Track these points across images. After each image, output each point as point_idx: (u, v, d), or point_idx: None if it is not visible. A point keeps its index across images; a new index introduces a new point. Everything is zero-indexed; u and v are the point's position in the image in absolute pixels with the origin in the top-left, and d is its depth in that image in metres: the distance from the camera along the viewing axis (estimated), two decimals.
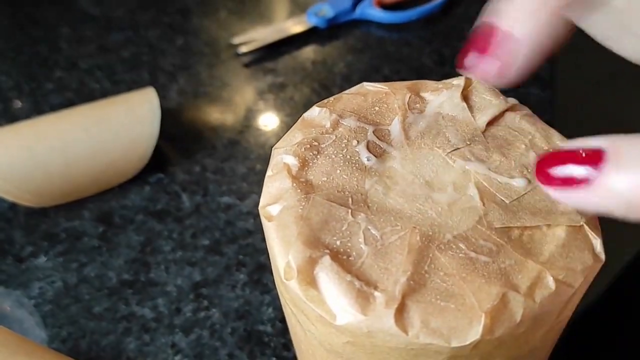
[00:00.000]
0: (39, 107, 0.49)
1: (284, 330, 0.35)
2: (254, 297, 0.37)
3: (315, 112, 0.24)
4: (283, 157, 0.23)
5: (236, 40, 0.52)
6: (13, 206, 0.41)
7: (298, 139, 0.23)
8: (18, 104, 0.49)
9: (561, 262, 0.19)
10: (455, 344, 0.18)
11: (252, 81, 0.50)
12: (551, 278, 0.19)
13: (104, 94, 0.49)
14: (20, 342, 0.27)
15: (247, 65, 0.51)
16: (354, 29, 0.54)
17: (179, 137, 0.46)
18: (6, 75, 0.51)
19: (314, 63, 0.51)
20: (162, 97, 0.48)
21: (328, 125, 0.24)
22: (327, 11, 0.53)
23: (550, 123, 0.24)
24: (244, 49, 0.51)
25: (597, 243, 0.20)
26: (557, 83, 0.49)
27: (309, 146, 0.23)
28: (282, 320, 0.36)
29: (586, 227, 0.20)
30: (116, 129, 0.41)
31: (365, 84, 0.25)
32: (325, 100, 0.25)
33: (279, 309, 0.36)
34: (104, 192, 0.42)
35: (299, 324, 0.22)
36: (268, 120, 0.47)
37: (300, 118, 0.24)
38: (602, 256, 0.19)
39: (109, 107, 0.42)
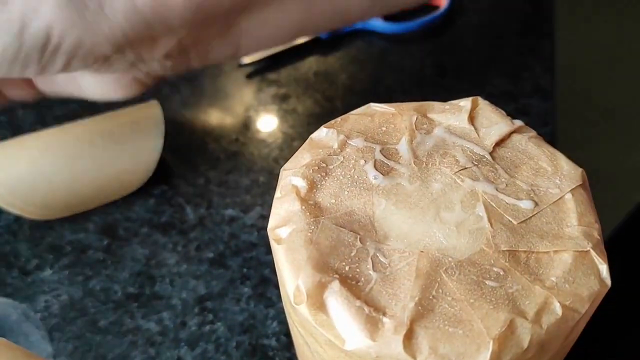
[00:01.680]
0: (43, 119, 0.49)
1: (289, 344, 0.35)
2: (258, 310, 0.37)
3: (322, 133, 0.24)
4: (291, 179, 0.23)
5: None
6: (18, 219, 0.42)
7: (306, 161, 0.23)
8: (20, 113, 0.49)
9: (568, 288, 0.19)
10: None
11: (255, 92, 0.50)
12: (558, 304, 0.19)
13: (108, 106, 0.49)
14: (26, 356, 0.27)
15: (249, 77, 0.51)
16: (356, 39, 0.54)
17: (182, 149, 0.46)
18: None
19: (317, 74, 0.51)
20: (165, 108, 0.48)
21: (336, 146, 0.24)
22: None
23: (553, 134, 0.24)
24: (246, 60, 0.52)
25: (603, 268, 0.20)
26: (557, 93, 0.49)
27: (317, 168, 0.23)
28: (287, 334, 0.36)
29: (592, 252, 0.20)
30: (121, 142, 0.41)
31: (372, 104, 0.25)
32: (333, 121, 0.25)
33: (283, 322, 0.36)
34: (109, 204, 0.42)
35: (307, 345, 0.22)
36: (271, 132, 0.47)
37: (308, 139, 0.24)
38: (608, 281, 0.20)
39: (113, 120, 0.42)
